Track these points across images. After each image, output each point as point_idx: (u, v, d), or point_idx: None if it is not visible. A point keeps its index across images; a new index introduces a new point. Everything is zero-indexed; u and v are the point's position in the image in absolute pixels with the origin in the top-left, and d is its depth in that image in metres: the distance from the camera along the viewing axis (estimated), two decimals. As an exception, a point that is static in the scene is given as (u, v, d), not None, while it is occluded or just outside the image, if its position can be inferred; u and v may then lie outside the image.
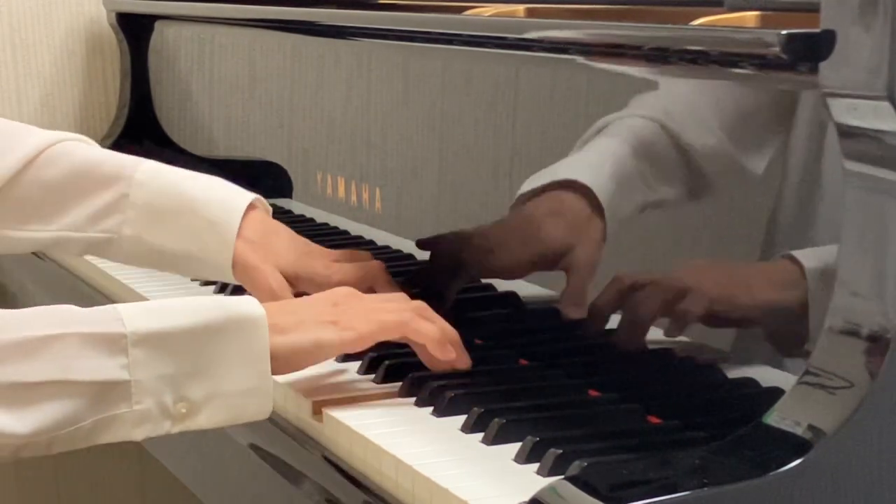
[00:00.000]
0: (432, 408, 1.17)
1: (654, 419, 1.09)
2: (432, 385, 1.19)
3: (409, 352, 1.23)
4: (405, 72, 1.47)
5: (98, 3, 2.26)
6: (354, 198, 1.58)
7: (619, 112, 1.16)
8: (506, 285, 1.33)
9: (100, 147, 1.46)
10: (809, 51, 0.92)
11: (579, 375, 1.19)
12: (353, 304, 1.20)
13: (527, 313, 1.31)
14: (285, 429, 1.23)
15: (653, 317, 1.12)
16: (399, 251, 1.50)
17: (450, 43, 1.37)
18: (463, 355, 1.22)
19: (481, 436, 1.09)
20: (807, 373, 0.92)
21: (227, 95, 1.95)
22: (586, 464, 0.98)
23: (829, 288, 0.92)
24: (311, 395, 1.22)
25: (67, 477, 2.35)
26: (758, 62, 0.99)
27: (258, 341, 1.12)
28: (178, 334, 1.10)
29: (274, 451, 1.23)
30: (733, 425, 0.93)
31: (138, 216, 1.39)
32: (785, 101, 1.01)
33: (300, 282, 1.35)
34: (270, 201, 1.43)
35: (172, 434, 1.11)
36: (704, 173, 1.10)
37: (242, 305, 1.13)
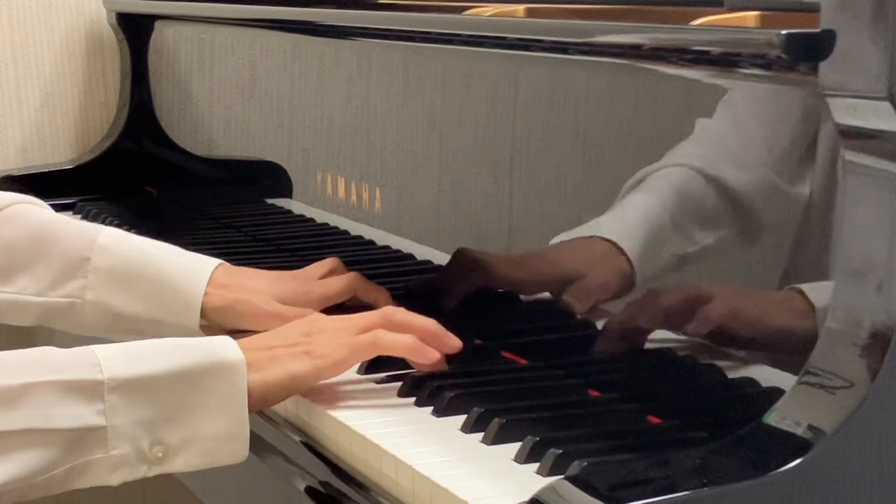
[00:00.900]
0: (432, 408, 1.17)
1: (654, 419, 1.09)
2: (432, 385, 1.19)
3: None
4: (405, 72, 1.47)
5: (98, 3, 2.26)
6: (354, 198, 1.58)
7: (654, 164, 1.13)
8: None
9: (53, 210, 1.45)
10: (809, 51, 0.92)
11: (579, 375, 1.19)
12: (323, 330, 1.20)
13: (527, 313, 1.31)
14: (285, 428, 1.23)
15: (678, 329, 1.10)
16: (399, 251, 1.50)
17: (450, 43, 1.37)
18: (448, 340, 1.21)
19: (481, 436, 1.09)
20: (807, 373, 0.92)
21: (227, 95, 1.95)
22: (586, 464, 0.98)
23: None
24: (311, 395, 1.22)
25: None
26: (758, 63, 0.99)
27: (236, 386, 1.12)
28: (156, 379, 1.09)
29: (273, 451, 1.23)
30: (733, 425, 0.93)
31: (100, 281, 1.37)
32: (810, 109, 0.98)
33: (284, 304, 1.35)
34: (270, 201, 1.43)
35: (149, 477, 1.11)
36: (750, 206, 1.06)
37: (221, 349, 1.13)
